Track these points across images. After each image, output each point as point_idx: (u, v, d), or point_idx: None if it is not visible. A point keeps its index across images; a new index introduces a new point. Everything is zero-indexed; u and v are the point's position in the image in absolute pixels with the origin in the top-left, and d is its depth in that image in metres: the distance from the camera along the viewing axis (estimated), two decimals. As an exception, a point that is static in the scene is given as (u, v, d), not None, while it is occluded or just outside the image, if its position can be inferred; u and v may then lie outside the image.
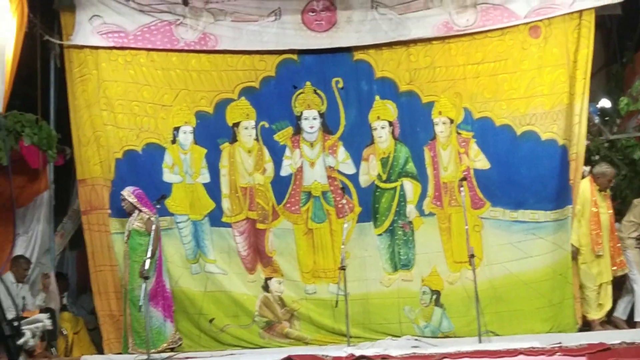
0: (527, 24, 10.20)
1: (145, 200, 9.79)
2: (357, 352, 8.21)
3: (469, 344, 8.59)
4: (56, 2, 10.29)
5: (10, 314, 3.44)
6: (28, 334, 8.46)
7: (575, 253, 9.77)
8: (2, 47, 9.10)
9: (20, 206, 10.00)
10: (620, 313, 9.90)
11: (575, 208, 9.82)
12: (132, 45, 10.32)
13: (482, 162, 10.25)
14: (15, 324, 3.31)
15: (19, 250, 9.75)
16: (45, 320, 8.92)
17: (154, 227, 9.33)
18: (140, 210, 9.71)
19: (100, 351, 9.98)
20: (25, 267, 9.74)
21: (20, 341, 6.49)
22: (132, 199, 9.74)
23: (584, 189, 9.85)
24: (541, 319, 9.81)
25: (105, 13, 10.20)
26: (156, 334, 9.52)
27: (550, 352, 7.60)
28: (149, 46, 10.36)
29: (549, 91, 10.10)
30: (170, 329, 9.69)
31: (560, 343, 7.98)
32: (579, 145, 9.89)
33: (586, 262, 9.77)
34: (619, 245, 9.82)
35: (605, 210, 9.87)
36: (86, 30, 10.18)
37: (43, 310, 9.55)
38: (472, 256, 9.00)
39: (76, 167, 10.22)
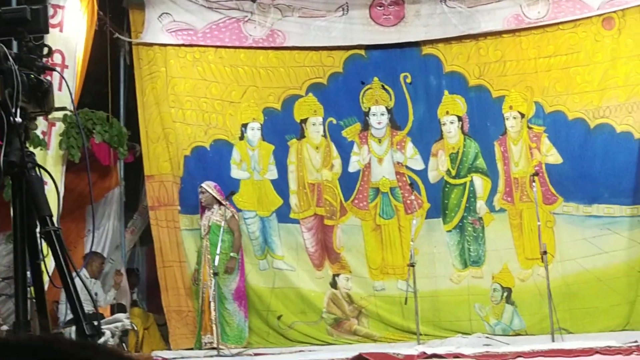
0: (600, 15, 9.94)
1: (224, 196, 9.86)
2: (429, 350, 8.10)
3: (541, 342, 8.44)
4: (125, 0, 10.37)
5: (86, 309, 3.43)
6: (108, 333, 8.58)
7: None
8: (74, 46, 9.22)
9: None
10: None
11: None
12: (201, 43, 10.35)
13: (554, 157, 10.05)
14: (96, 323, 3.31)
15: (90, 247, 9.85)
16: (124, 320, 9.05)
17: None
18: (221, 204, 9.75)
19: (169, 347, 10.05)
20: (100, 263, 9.86)
21: (100, 341, 6.55)
22: (214, 193, 9.78)
23: None
24: (616, 317, 9.59)
25: (174, 11, 10.24)
26: (238, 332, 9.66)
27: (628, 351, 7.43)
28: (218, 43, 10.38)
29: (623, 83, 9.85)
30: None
31: (637, 342, 7.78)
32: None
33: None
34: None
35: None
36: (155, 28, 10.24)
37: (114, 306, 9.67)
38: (544, 253, 8.85)
39: (144, 163, 10.30)
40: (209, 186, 9.84)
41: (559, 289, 9.54)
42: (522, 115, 10.17)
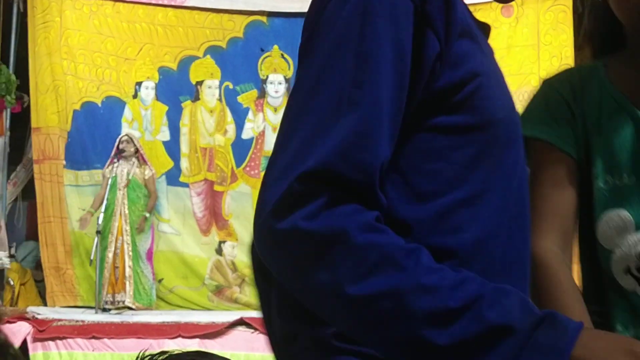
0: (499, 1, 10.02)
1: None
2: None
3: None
4: (21, -55, 10.00)
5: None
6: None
7: None
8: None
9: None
10: None
11: None
12: (99, -6, 10.09)
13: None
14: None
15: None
16: (3, 259, 8.77)
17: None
18: (144, 162, 9.65)
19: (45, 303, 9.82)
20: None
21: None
22: (139, 146, 9.64)
23: None
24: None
25: (72, -41, 9.95)
26: (150, 293, 9.55)
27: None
28: (116, -4, 10.14)
29: (516, 71, 9.93)
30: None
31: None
32: None
33: None
34: None
35: None
36: (51, -25, 9.92)
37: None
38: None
39: (32, 115, 9.98)
40: (134, 137, 9.68)
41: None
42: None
